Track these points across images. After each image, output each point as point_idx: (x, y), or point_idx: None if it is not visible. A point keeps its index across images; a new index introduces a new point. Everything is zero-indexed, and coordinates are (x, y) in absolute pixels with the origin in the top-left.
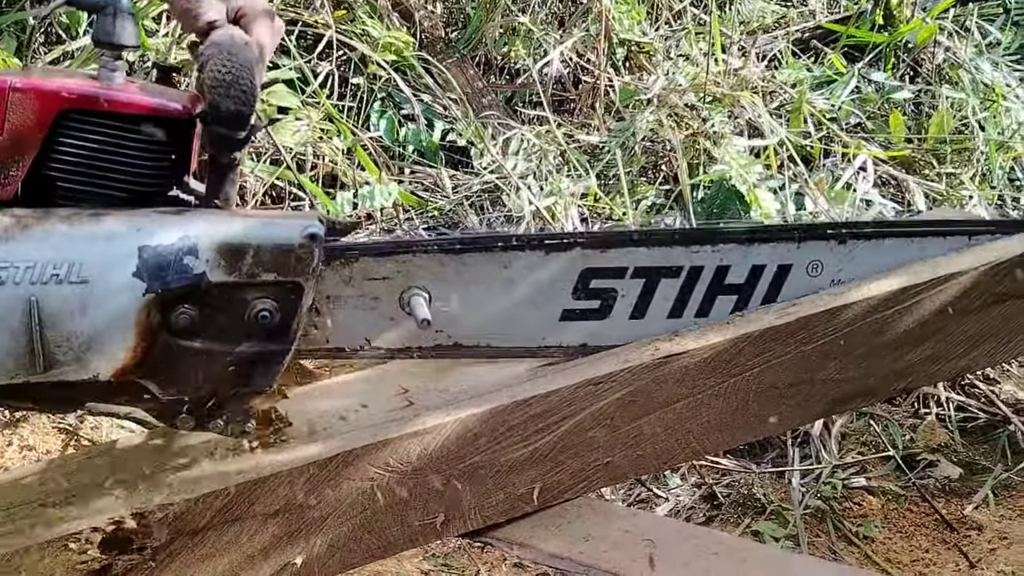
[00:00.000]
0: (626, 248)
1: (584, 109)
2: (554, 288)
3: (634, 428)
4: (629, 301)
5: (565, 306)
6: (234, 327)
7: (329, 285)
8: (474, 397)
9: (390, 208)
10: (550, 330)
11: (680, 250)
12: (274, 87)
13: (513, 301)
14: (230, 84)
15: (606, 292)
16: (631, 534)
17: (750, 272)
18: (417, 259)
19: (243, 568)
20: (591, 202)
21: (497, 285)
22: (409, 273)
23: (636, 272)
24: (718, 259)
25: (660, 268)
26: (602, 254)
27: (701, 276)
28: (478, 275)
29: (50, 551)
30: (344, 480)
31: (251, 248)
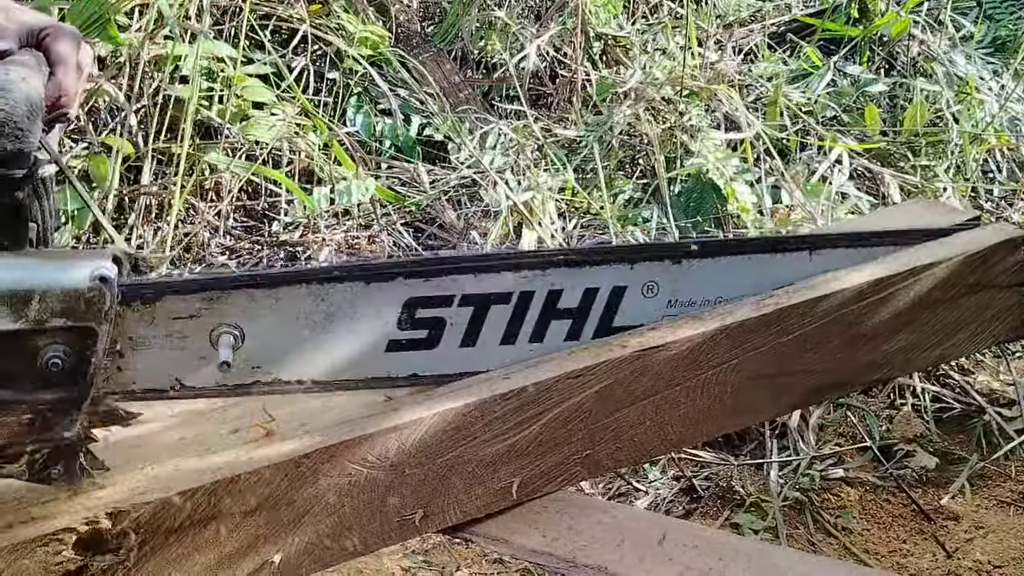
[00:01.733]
0: (451, 276)
1: (561, 103)
2: (377, 320)
3: (613, 421)
4: (459, 329)
5: (391, 337)
6: (24, 375)
7: (131, 325)
8: (452, 391)
9: (367, 203)
10: (376, 362)
11: (509, 276)
12: (248, 82)
13: (334, 334)
14: (2, 123)
15: (433, 321)
16: (611, 528)
17: (583, 295)
18: (226, 295)
19: (220, 567)
20: (568, 196)
21: (316, 318)
22: (218, 310)
23: (464, 300)
24: (549, 283)
25: (489, 295)
26: (426, 283)
27: (532, 301)
28: (294, 309)
29: (25, 551)
30: (322, 476)
31: (37, 293)
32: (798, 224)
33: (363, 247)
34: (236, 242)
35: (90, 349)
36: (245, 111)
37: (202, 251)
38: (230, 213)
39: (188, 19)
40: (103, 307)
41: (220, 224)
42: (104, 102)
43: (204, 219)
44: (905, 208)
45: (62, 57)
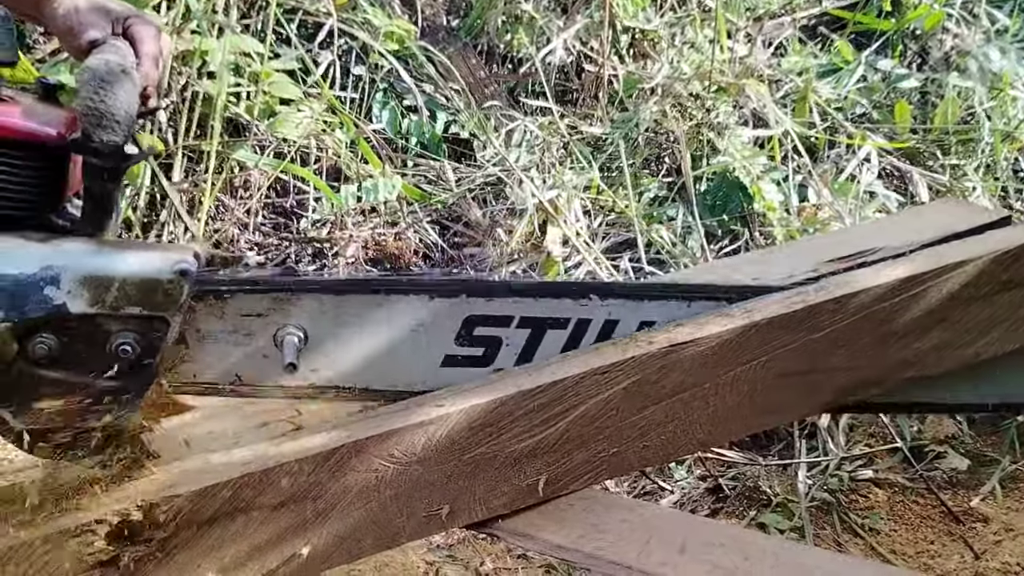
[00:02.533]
0: (511, 298)
1: (587, 99)
2: (436, 333)
3: (640, 418)
4: (514, 350)
5: (447, 351)
6: (94, 359)
7: (200, 319)
8: (479, 387)
9: (394, 201)
10: (430, 375)
11: (568, 302)
12: (275, 77)
13: (392, 344)
14: (102, 114)
15: (490, 340)
16: (636, 526)
17: (638, 328)
18: (295, 297)
19: (249, 559)
20: (594, 194)
21: (376, 328)
22: (285, 311)
23: (522, 322)
24: (606, 313)
25: (546, 319)
26: (487, 302)
27: (588, 329)
28: (357, 317)
29: (58, 543)
30: (350, 471)
31: (117, 281)
32: (825, 223)
33: (389, 244)
34: (264, 238)
35: (160, 339)
36: (272, 107)
37: (231, 247)
38: (259, 210)
39: (215, 13)
40: (179, 298)
41: (249, 221)
42: None
43: (234, 216)
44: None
45: (147, 47)
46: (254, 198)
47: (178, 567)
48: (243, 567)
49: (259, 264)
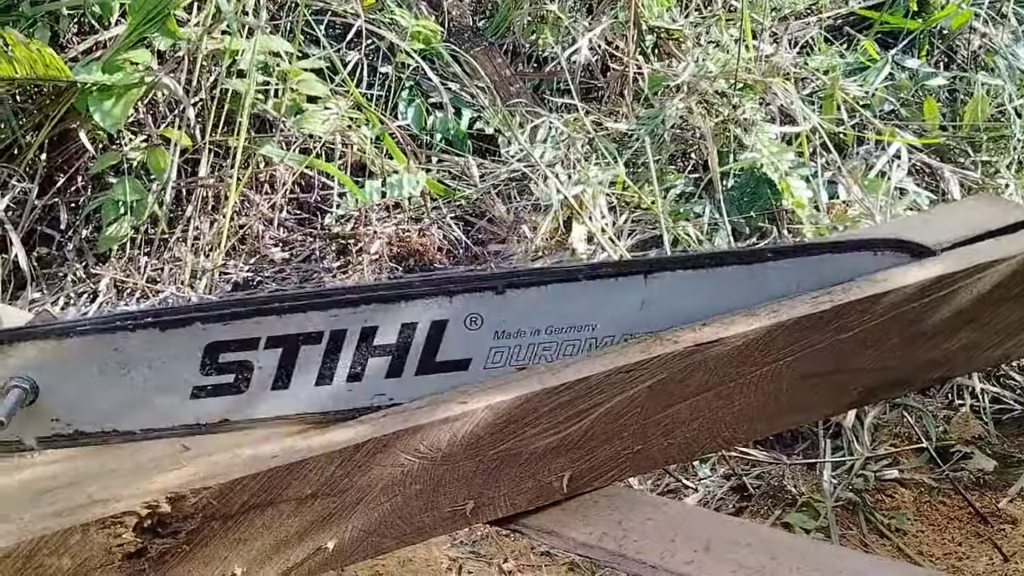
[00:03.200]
0: (254, 318)
1: (612, 97)
2: (177, 367)
3: (665, 416)
4: (268, 372)
5: (194, 383)
6: None
7: None
8: (503, 384)
9: (418, 196)
10: (181, 410)
11: (318, 315)
12: (303, 76)
13: (132, 384)
14: None
15: (239, 365)
16: (661, 524)
17: (400, 330)
18: (14, 348)
19: (276, 552)
20: (619, 190)
21: (111, 367)
22: (6, 364)
23: (269, 342)
24: (362, 320)
25: (297, 335)
26: (225, 326)
27: (346, 339)
28: (87, 360)
29: (87, 534)
30: (375, 466)
31: None
32: (856, 220)
33: (413, 240)
34: (289, 234)
35: None
36: (300, 105)
37: (256, 243)
38: (284, 205)
39: (245, 14)
40: None
41: (274, 216)
42: (163, 95)
43: (259, 211)
44: (966, 204)
45: None
46: (279, 193)
47: (204, 559)
48: (269, 560)
49: None
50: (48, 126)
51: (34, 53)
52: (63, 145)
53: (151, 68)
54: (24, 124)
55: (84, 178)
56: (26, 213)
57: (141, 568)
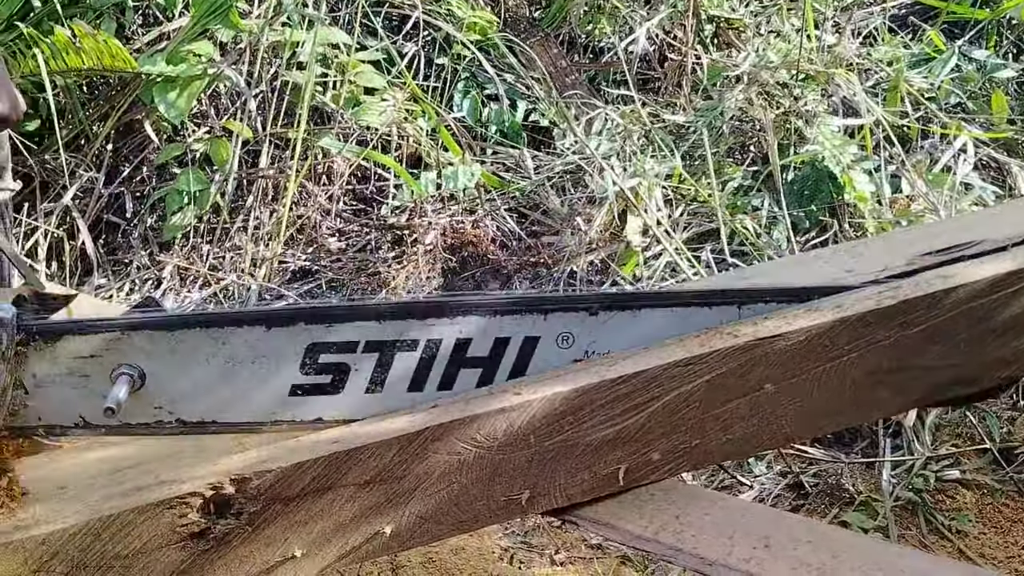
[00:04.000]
0: (354, 322)
1: (670, 88)
2: (279, 364)
3: (724, 411)
4: (364, 375)
5: (293, 381)
6: None
7: (34, 363)
8: (560, 375)
9: (472, 188)
10: (279, 406)
11: (415, 323)
12: (361, 68)
13: (235, 377)
14: None
15: (337, 367)
16: (719, 519)
17: (493, 345)
18: (127, 336)
19: (335, 535)
20: (675, 183)
21: (216, 361)
22: (119, 351)
23: (367, 346)
24: (457, 332)
25: (394, 342)
26: (328, 329)
27: (440, 349)
28: (194, 352)
29: (153, 514)
30: (432, 454)
31: None
32: (919, 215)
33: (467, 232)
34: (346, 224)
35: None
36: (357, 97)
37: (314, 233)
38: (340, 196)
39: (305, 6)
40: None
41: (331, 207)
42: (225, 87)
43: (316, 202)
44: None
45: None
46: (336, 184)
47: (266, 541)
48: (328, 543)
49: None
50: (114, 117)
51: (101, 44)
52: (129, 135)
53: (213, 60)
54: (91, 115)
55: (149, 168)
56: (93, 201)
57: (206, 548)
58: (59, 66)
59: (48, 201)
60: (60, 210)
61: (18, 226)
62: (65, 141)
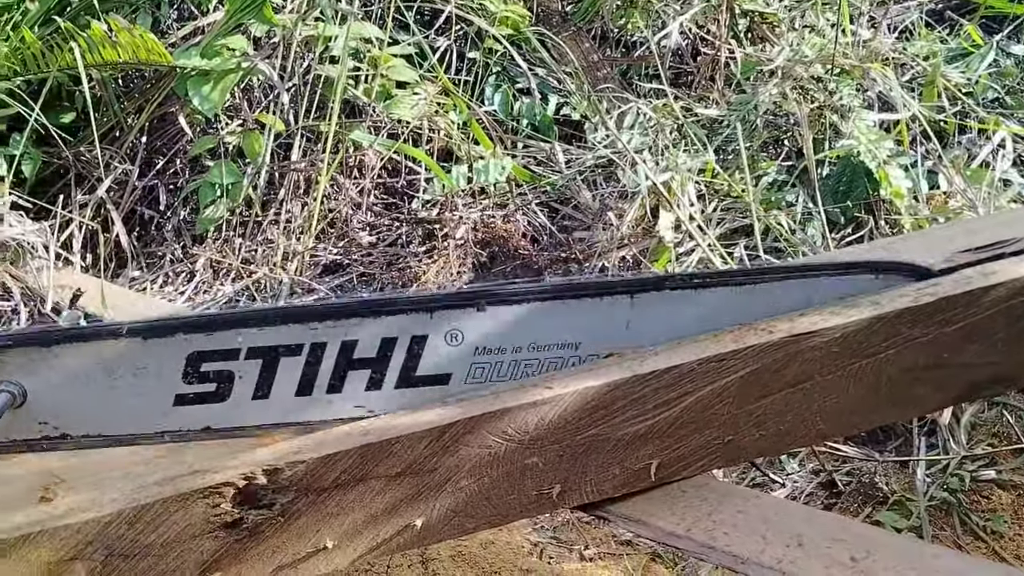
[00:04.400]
0: (234, 329)
1: (703, 82)
2: (160, 375)
3: (758, 407)
4: (249, 382)
5: (176, 391)
6: None
7: None
8: (592, 370)
9: (503, 182)
10: (165, 417)
11: (297, 328)
12: (393, 62)
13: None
14: None
15: (220, 375)
16: (753, 516)
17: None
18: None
19: (366, 527)
20: (708, 177)
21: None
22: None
23: (250, 353)
24: (342, 334)
25: (277, 347)
26: (208, 337)
27: (325, 352)
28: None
29: (187, 503)
30: (463, 447)
31: None
32: (956, 212)
33: (498, 226)
34: (376, 218)
35: None
36: (389, 90)
37: (344, 226)
38: (371, 190)
39: (338, 1)
40: None
41: (362, 201)
42: (258, 81)
43: (347, 195)
44: None
45: None
46: (367, 178)
47: (298, 532)
48: (359, 535)
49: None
50: (148, 110)
51: (136, 38)
52: (163, 128)
53: (247, 54)
54: (126, 107)
55: (182, 160)
56: (127, 194)
57: (238, 538)
58: (95, 60)
59: (83, 193)
60: (95, 202)
61: (53, 218)
62: (100, 134)
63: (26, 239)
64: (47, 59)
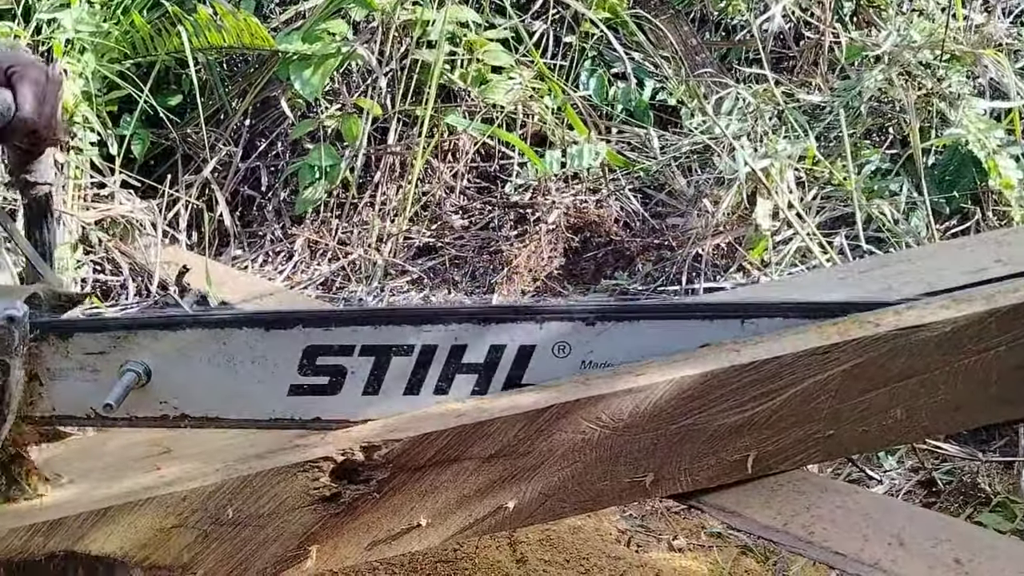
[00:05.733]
0: (350, 326)
1: (805, 67)
2: (278, 364)
3: (861, 402)
4: (360, 378)
5: (292, 381)
6: None
7: (48, 358)
8: (689, 359)
9: (597, 167)
10: (278, 404)
11: (409, 328)
12: (489, 46)
13: (236, 376)
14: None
15: (334, 369)
16: (852, 512)
17: (489, 351)
18: (132, 334)
19: (459, 506)
20: (809, 165)
21: (218, 359)
22: (126, 348)
23: (364, 350)
24: (452, 338)
25: (389, 346)
26: (326, 332)
27: (435, 355)
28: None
29: (288, 476)
30: (557, 431)
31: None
32: None
33: (591, 212)
34: (469, 202)
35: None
36: (484, 75)
37: (438, 210)
38: (465, 174)
39: None
40: (12, 343)
41: (456, 184)
42: (357, 65)
43: (441, 179)
44: None
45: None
46: (461, 162)
47: (392, 508)
48: (452, 514)
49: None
50: (252, 93)
51: (241, 22)
52: (265, 111)
53: (347, 38)
54: (230, 91)
55: (283, 143)
56: (231, 175)
57: (336, 512)
58: (201, 43)
59: (189, 173)
60: (200, 182)
61: (160, 197)
62: (206, 116)
63: (135, 217)
64: (156, 42)
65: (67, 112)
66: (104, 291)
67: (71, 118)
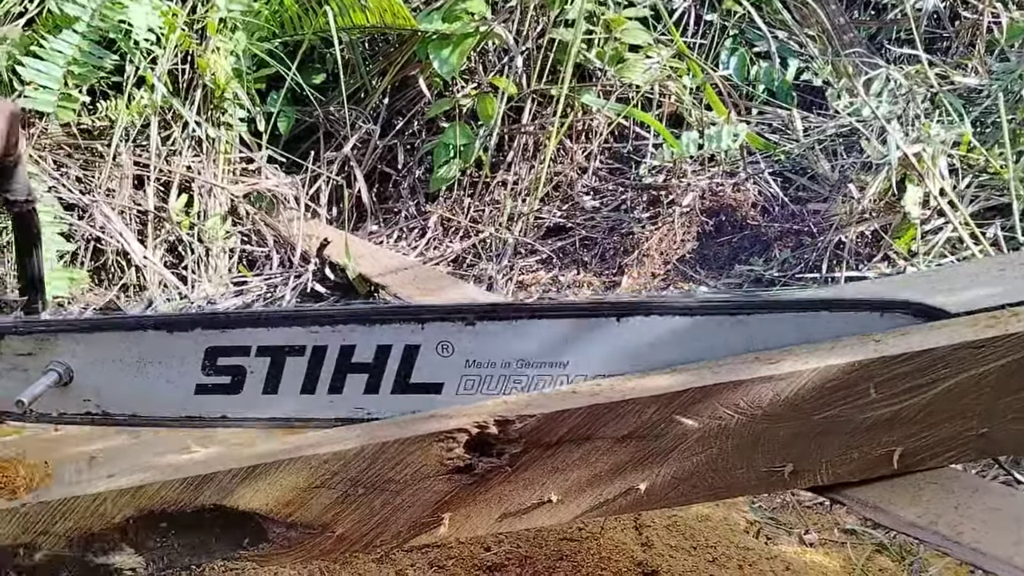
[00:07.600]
0: (245, 328)
1: (961, 48)
2: (184, 365)
3: (1019, 399)
4: (259, 377)
5: (197, 381)
6: None
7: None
8: (836, 347)
9: (735, 150)
10: (188, 403)
11: (300, 330)
12: (627, 25)
13: (147, 376)
14: None
15: (235, 368)
16: (1007, 515)
17: (376, 352)
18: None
19: (590, 485)
20: (963, 151)
21: (130, 360)
22: (50, 350)
23: (260, 350)
24: (340, 339)
25: (283, 347)
26: (222, 333)
27: (327, 355)
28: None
29: (424, 445)
30: (692, 416)
31: None
32: None
33: (727, 195)
34: (601, 183)
35: None
36: (621, 54)
37: (569, 190)
38: (598, 154)
39: None
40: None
41: (588, 165)
42: (493, 45)
43: (574, 160)
44: None
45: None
46: (594, 142)
47: (524, 483)
48: (582, 492)
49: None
50: (392, 72)
51: (384, 3)
52: (403, 91)
53: (485, 18)
54: (371, 70)
55: (419, 122)
56: (369, 152)
57: (469, 482)
58: (346, 23)
59: (330, 150)
60: (340, 159)
61: (304, 172)
62: (348, 94)
63: (280, 191)
64: (303, 22)
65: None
66: (250, 261)
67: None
